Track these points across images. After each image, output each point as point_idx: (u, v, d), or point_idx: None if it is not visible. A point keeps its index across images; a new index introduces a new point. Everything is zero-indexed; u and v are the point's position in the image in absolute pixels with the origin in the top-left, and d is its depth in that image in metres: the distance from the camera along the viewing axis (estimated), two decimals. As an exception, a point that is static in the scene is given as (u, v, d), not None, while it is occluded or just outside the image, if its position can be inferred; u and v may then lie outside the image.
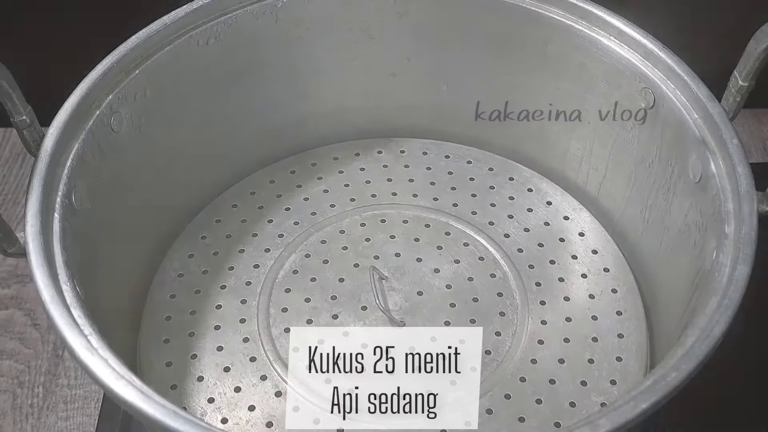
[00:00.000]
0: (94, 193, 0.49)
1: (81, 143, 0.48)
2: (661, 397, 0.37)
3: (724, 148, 0.46)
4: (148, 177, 0.55)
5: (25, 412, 0.61)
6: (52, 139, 0.46)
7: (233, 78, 0.58)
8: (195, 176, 0.60)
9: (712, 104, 0.48)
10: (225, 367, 0.52)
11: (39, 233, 0.43)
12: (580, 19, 0.55)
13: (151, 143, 0.55)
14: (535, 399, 0.51)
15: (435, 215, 0.60)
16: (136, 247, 0.56)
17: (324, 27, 0.59)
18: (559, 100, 0.59)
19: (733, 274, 0.41)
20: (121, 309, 0.53)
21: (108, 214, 0.51)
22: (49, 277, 0.41)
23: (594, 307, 0.55)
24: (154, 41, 0.52)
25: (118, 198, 0.52)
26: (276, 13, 0.57)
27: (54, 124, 0.47)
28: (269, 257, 0.58)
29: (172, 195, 0.58)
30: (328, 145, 0.65)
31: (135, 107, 0.52)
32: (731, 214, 0.44)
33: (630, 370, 0.52)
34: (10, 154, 0.79)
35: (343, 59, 0.61)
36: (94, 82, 0.49)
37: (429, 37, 0.60)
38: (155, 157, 0.56)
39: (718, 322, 0.40)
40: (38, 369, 0.64)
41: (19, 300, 0.68)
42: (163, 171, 0.57)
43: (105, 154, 0.50)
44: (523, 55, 0.59)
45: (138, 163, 0.54)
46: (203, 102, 0.57)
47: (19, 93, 0.45)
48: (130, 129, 0.53)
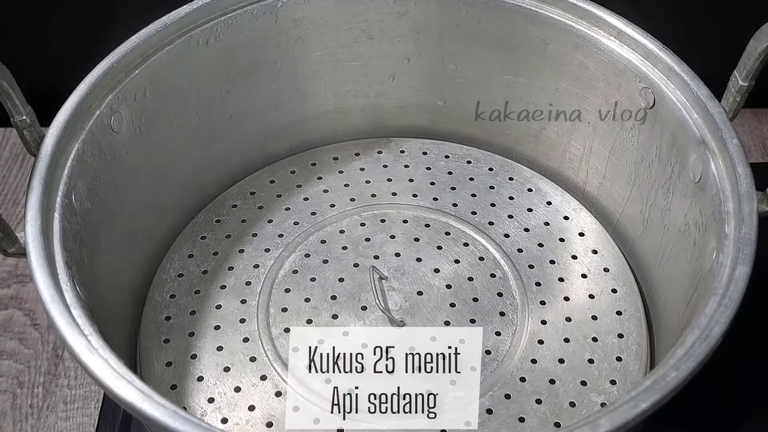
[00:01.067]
0: (94, 193, 0.49)
1: (81, 143, 0.48)
2: (661, 397, 0.37)
3: (724, 148, 0.46)
4: (148, 177, 0.55)
5: (24, 412, 0.61)
6: (52, 139, 0.46)
7: (233, 78, 0.58)
8: (195, 176, 0.60)
9: (712, 104, 0.48)
10: (225, 367, 0.52)
11: (39, 233, 0.43)
12: (580, 19, 0.55)
13: (151, 143, 0.55)
14: (535, 399, 0.51)
15: (435, 215, 0.60)
16: (136, 247, 0.56)
17: (324, 27, 0.59)
18: (559, 100, 0.59)
19: (733, 274, 0.41)
20: (121, 309, 0.53)
21: (108, 214, 0.51)
22: (49, 277, 0.41)
23: (594, 307, 0.55)
24: (154, 41, 0.52)
25: (118, 198, 0.52)
26: (276, 13, 0.57)
27: (54, 124, 0.47)
28: (269, 257, 0.58)
29: (172, 195, 0.58)
30: (328, 145, 0.65)
31: (135, 107, 0.52)
32: (731, 214, 0.44)
33: (630, 370, 0.52)
34: (10, 154, 0.79)
35: (343, 59, 0.61)
36: (94, 82, 0.49)
37: (429, 37, 0.60)
38: (155, 157, 0.56)
39: (718, 322, 0.40)
40: (38, 369, 0.64)
41: (19, 300, 0.68)
42: (163, 171, 0.57)
43: (105, 154, 0.50)
44: (523, 55, 0.59)
45: (138, 163, 0.54)
46: (203, 102, 0.57)
47: (19, 93, 0.45)
48: (130, 129, 0.53)
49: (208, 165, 0.60)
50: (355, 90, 0.63)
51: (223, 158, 0.61)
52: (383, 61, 0.62)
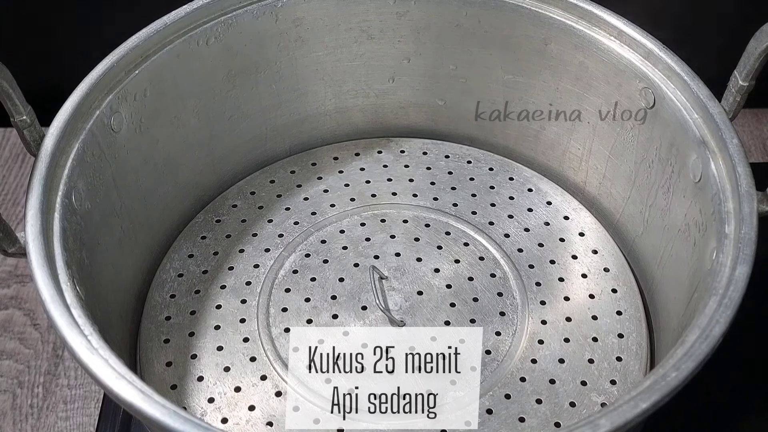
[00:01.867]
0: (94, 193, 0.49)
1: (81, 143, 0.48)
2: (661, 397, 0.37)
3: (724, 148, 0.46)
4: (148, 177, 0.55)
5: (24, 412, 0.61)
6: (52, 139, 0.46)
7: (233, 78, 0.58)
8: (195, 176, 0.60)
9: (712, 104, 0.48)
10: (225, 367, 0.52)
11: (39, 233, 0.43)
12: (580, 18, 0.55)
13: (151, 143, 0.55)
14: (535, 399, 0.51)
15: (435, 215, 0.60)
16: (136, 247, 0.56)
17: (324, 27, 0.59)
18: (559, 100, 0.59)
19: (733, 274, 0.41)
20: (121, 309, 0.53)
21: (108, 214, 0.51)
22: (49, 277, 0.41)
23: (594, 307, 0.55)
24: (154, 41, 0.52)
25: (118, 198, 0.52)
26: (276, 13, 0.57)
27: (54, 124, 0.47)
28: (269, 257, 0.58)
29: (171, 195, 0.58)
30: (328, 145, 0.65)
31: (135, 107, 0.52)
32: (731, 214, 0.44)
33: (630, 370, 0.52)
34: (10, 154, 0.79)
35: (343, 59, 0.61)
36: (94, 82, 0.49)
37: (429, 37, 0.60)
38: (155, 157, 0.56)
39: (718, 322, 0.40)
40: (38, 369, 0.64)
41: (19, 300, 0.68)
42: (163, 171, 0.57)
43: (105, 154, 0.50)
44: (523, 55, 0.59)
45: (138, 163, 0.54)
46: (203, 102, 0.57)
47: (19, 93, 0.45)
48: (130, 129, 0.53)
49: (208, 165, 0.60)
50: (355, 90, 0.63)
51: (223, 158, 0.61)
52: (383, 61, 0.62)
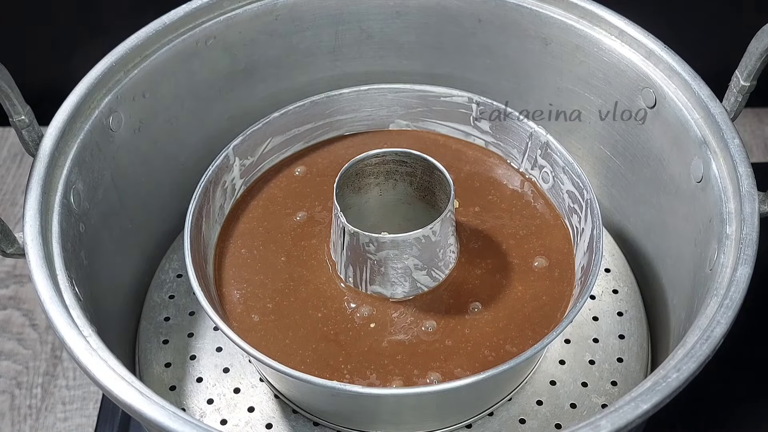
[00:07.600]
0: (93, 193, 0.49)
1: (80, 143, 0.48)
2: (662, 398, 0.37)
3: (726, 148, 0.46)
4: (147, 177, 0.55)
5: (23, 413, 0.61)
6: (50, 139, 0.46)
7: (233, 78, 0.58)
8: (194, 176, 0.60)
9: (713, 104, 0.48)
10: (224, 368, 0.52)
11: (38, 233, 0.43)
12: (580, 18, 0.55)
13: (150, 143, 0.55)
14: (536, 400, 0.51)
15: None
16: (135, 247, 0.56)
17: (323, 26, 0.59)
18: (559, 100, 0.59)
19: (734, 275, 0.41)
20: (120, 310, 0.53)
21: (107, 214, 0.51)
22: (48, 278, 0.41)
23: (594, 307, 0.55)
24: (154, 41, 0.52)
25: (117, 198, 0.52)
26: (276, 13, 0.57)
27: (53, 124, 0.47)
28: (269, 258, 0.57)
29: (170, 195, 0.58)
30: (327, 145, 0.65)
31: (134, 107, 0.52)
32: (732, 215, 0.44)
33: (631, 371, 0.52)
34: (8, 154, 0.79)
35: (343, 59, 0.61)
36: (93, 82, 0.49)
37: (429, 37, 0.60)
38: (154, 158, 0.55)
39: (719, 322, 0.40)
40: (36, 370, 0.64)
41: (18, 300, 0.68)
42: (162, 171, 0.57)
43: (104, 155, 0.50)
44: (523, 54, 0.58)
45: (137, 164, 0.54)
46: (203, 102, 0.57)
47: (18, 93, 0.45)
48: (129, 129, 0.52)
49: (207, 165, 0.60)
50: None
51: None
52: (383, 61, 0.61)
